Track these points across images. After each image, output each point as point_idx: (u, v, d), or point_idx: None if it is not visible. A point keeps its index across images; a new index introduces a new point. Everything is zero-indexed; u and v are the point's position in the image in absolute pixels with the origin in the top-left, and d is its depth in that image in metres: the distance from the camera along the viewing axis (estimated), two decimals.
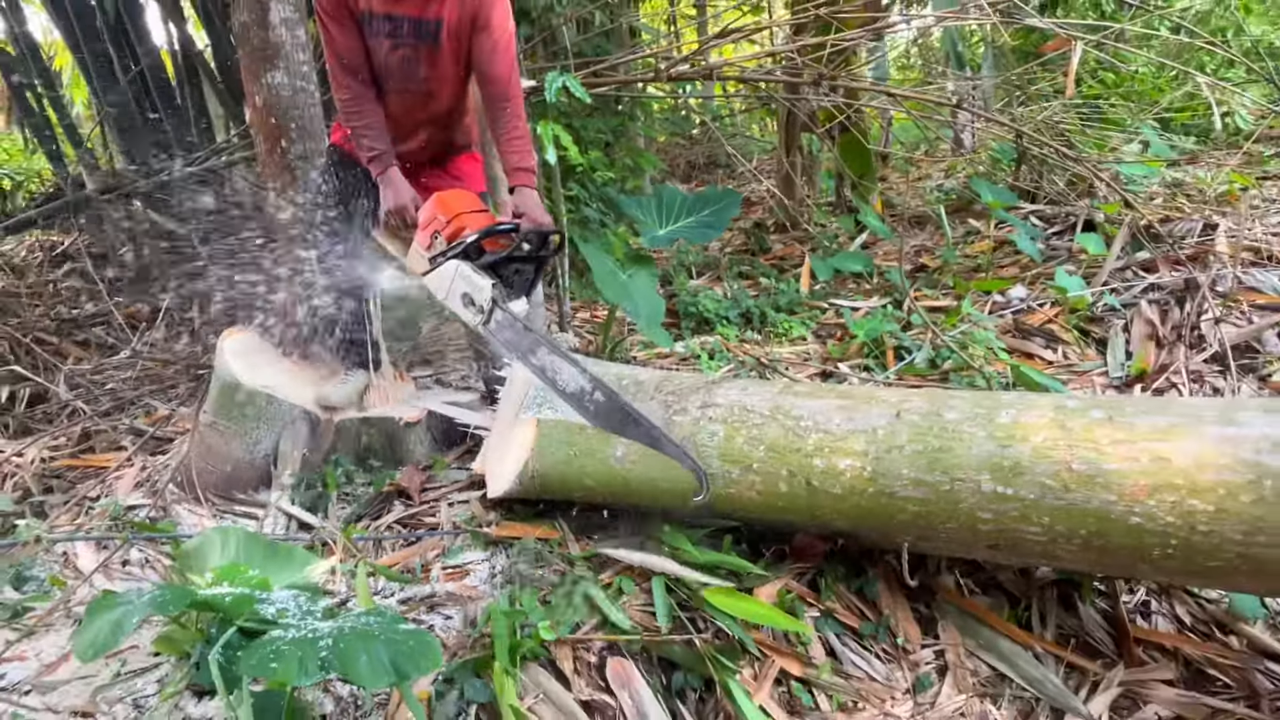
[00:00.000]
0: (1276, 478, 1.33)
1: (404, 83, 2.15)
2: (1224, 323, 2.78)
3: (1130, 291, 3.12)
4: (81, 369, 3.40)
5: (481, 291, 1.92)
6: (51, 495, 2.37)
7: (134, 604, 1.42)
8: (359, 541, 1.98)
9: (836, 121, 4.21)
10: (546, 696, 1.51)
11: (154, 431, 2.73)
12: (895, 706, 1.64)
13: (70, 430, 2.84)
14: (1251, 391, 2.53)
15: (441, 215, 2.00)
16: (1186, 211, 3.66)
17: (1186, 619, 1.84)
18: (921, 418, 1.64)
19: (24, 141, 5.33)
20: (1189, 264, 3.11)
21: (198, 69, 4.33)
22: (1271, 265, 3.15)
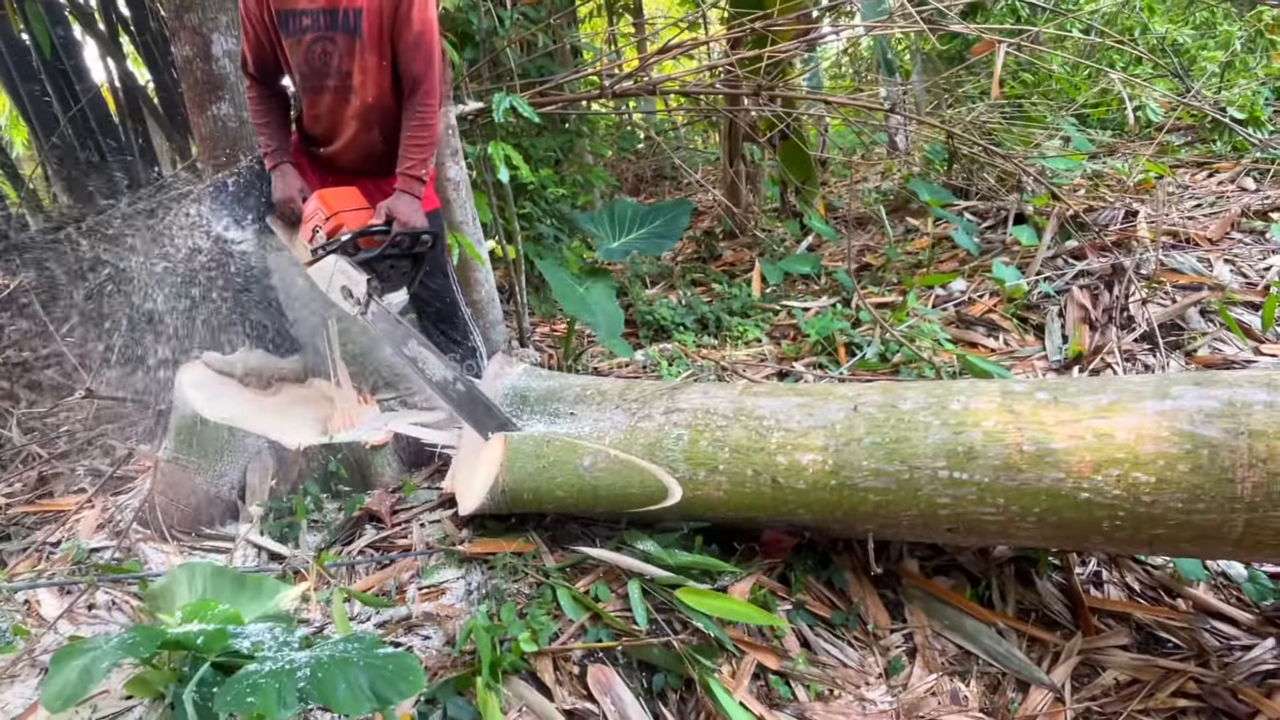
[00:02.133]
0: (1211, 447, 1.38)
1: (325, 78, 2.11)
2: (1150, 303, 2.88)
3: (1062, 278, 3.22)
4: (35, 412, 3.26)
5: (358, 285, 1.99)
6: (9, 543, 2.26)
7: (102, 649, 1.36)
8: (332, 568, 1.92)
9: (776, 130, 4.26)
10: (529, 709, 1.48)
11: (114, 471, 2.62)
12: (870, 691, 1.65)
13: (26, 475, 2.72)
14: (1180, 366, 2.62)
15: (322, 211, 2.05)
16: (1109, 200, 3.79)
17: (1136, 586, 1.90)
18: (878, 410, 1.66)
19: None
20: (1114, 250, 3.21)
21: (140, 104, 4.21)
22: (1189, 247, 3.27)
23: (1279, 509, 1.33)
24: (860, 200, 5.18)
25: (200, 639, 1.40)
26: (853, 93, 5.09)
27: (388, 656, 1.26)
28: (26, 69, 3.82)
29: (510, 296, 3.45)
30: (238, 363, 2.37)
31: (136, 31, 4.03)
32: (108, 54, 4.17)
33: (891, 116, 4.12)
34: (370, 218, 2.08)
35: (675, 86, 3.92)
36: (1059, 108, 4.51)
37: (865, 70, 6.45)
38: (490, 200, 3.19)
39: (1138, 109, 4.06)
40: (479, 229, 2.89)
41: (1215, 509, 1.38)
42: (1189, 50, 5.15)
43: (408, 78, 2.11)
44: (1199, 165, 4.28)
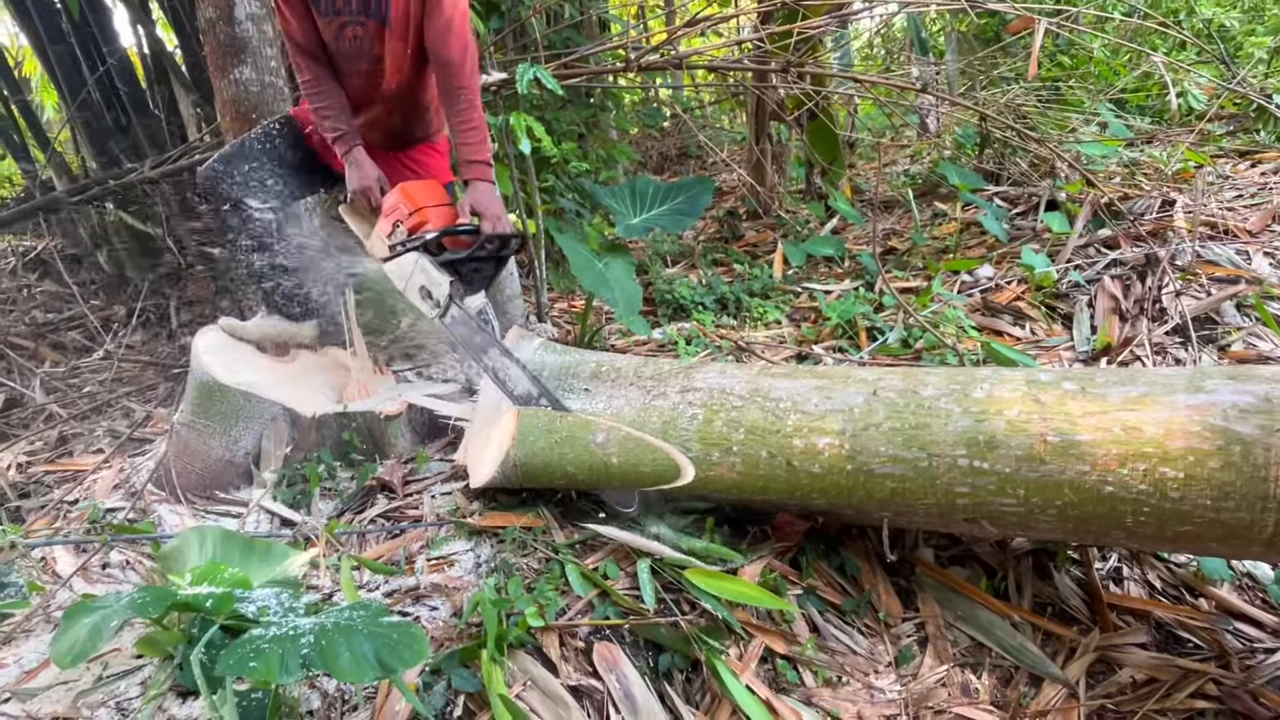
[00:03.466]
0: (1244, 443, 1.33)
1: (355, 62, 2.09)
2: (1184, 295, 2.80)
3: (1094, 267, 3.14)
4: (57, 372, 3.30)
5: (439, 288, 1.91)
6: (28, 500, 2.30)
7: (113, 607, 1.37)
8: (342, 536, 1.93)
9: (804, 109, 4.19)
10: (534, 683, 1.48)
11: (132, 433, 2.65)
12: (878, 679, 1.63)
13: (47, 434, 2.75)
14: (1212, 361, 2.55)
15: (405, 206, 1.96)
16: (1145, 189, 3.69)
17: (1157, 583, 1.86)
18: (898, 395, 1.62)
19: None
20: (1149, 239, 3.12)
21: (167, 69, 4.21)
22: (1227, 239, 3.17)
23: None
24: (888, 183, 5.08)
25: (209, 602, 1.41)
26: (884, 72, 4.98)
27: (393, 625, 1.26)
28: (55, 31, 3.82)
29: (529, 271, 3.43)
30: (254, 329, 2.37)
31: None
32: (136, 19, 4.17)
33: (923, 97, 4.03)
34: (455, 215, 2.01)
35: (702, 62, 3.85)
36: (1097, 92, 4.39)
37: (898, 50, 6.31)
38: (511, 173, 3.16)
39: (1180, 95, 3.93)
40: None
41: (1245, 507, 1.33)
42: (1236, 35, 4.98)
43: (440, 63, 2.06)
44: (1241, 155, 4.15)
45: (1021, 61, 4.12)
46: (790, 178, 5.15)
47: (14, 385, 3.09)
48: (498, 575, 1.71)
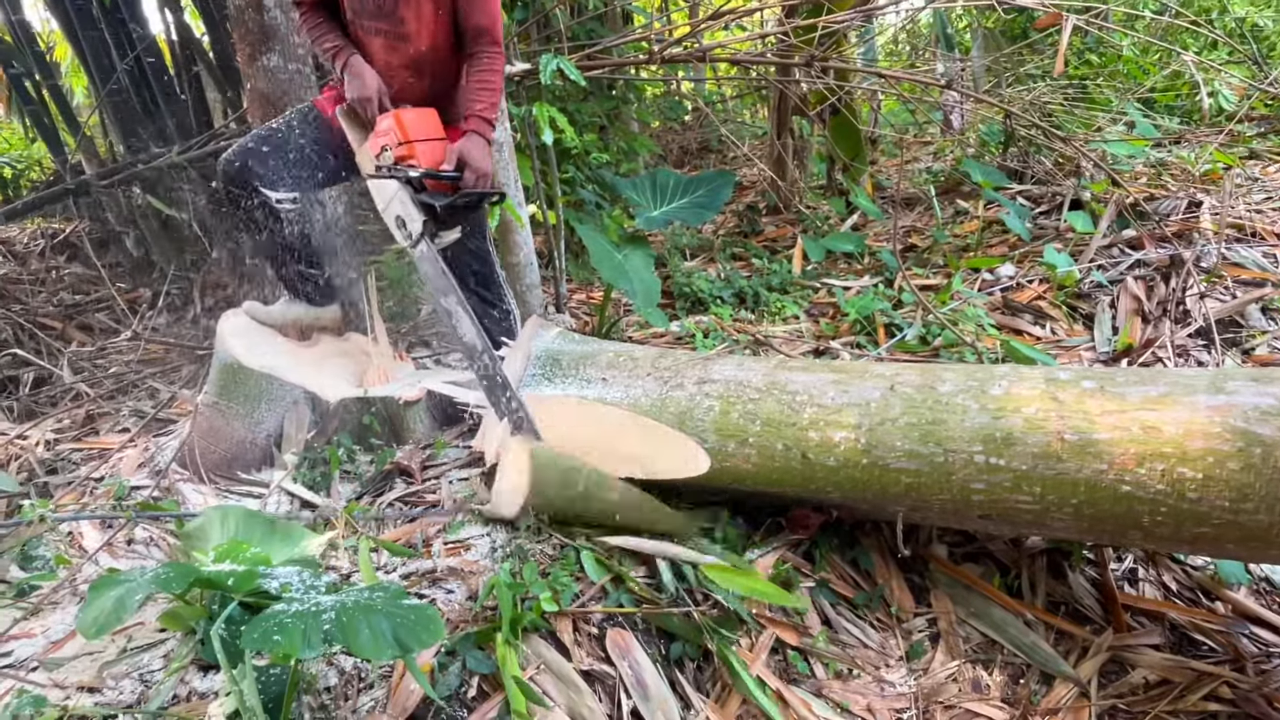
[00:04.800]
0: (1265, 445, 1.33)
1: (379, 19, 2.04)
2: (1208, 298, 2.77)
3: (1117, 268, 3.11)
4: (84, 352, 3.36)
5: (414, 223, 1.98)
6: (56, 476, 2.34)
7: (137, 581, 1.40)
8: (361, 519, 1.96)
9: (827, 104, 4.16)
10: (547, 666, 1.50)
11: (157, 413, 2.70)
12: (889, 673, 1.64)
13: (74, 413, 2.81)
14: (1235, 364, 2.52)
15: (396, 134, 1.98)
16: (1171, 190, 3.64)
17: (1173, 585, 1.85)
18: (915, 390, 1.62)
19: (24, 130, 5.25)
20: (1174, 241, 3.09)
21: (195, 56, 4.26)
22: (1255, 242, 3.13)
23: None
24: (910, 180, 5.05)
25: (231, 579, 1.44)
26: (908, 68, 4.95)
27: (410, 606, 1.28)
28: (86, 16, 3.88)
29: (548, 261, 3.45)
30: (278, 314, 2.40)
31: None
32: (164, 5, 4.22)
33: (947, 93, 4.00)
34: (444, 152, 2.04)
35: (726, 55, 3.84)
36: (1125, 91, 4.33)
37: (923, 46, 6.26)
38: (533, 163, 3.17)
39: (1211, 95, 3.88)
40: (521, 192, 2.88)
41: (1265, 510, 1.32)
42: (1269, 35, 4.90)
43: (471, 29, 2.07)
44: (1272, 157, 4.08)
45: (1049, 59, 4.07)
46: (811, 173, 5.13)
47: (43, 364, 3.14)
48: (513, 560, 1.73)
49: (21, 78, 4.25)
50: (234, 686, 1.26)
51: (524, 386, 1.97)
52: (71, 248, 4.52)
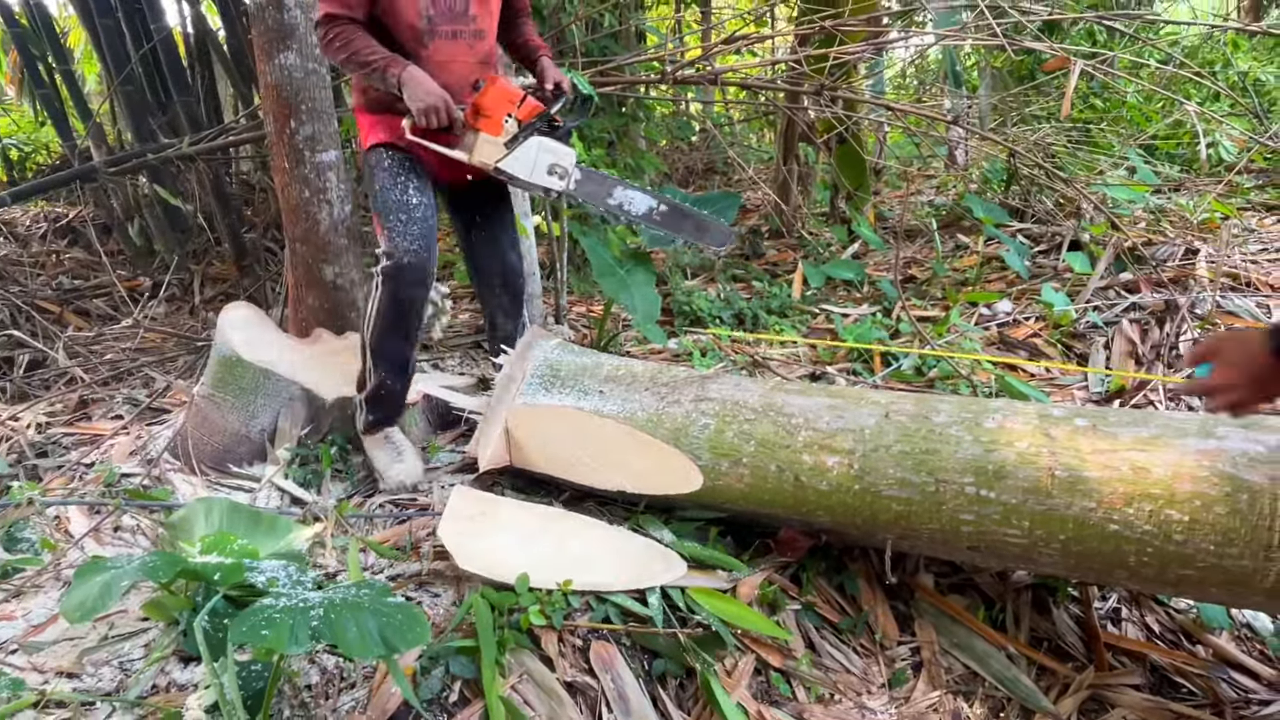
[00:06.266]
0: (1252, 492, 1.34)
1: (454, 21, 1.98)
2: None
3: (1113, 310, 3.14)
4: (81, 337, 3.35)
5: (567, 157, 2.05)
6: (46, 460, 2.34)
7: (123, 569, 1.40)
8: (351, 518, 1.96)
9: (834, 133, 4.21)
10: (530, 676, 1.49)
11: (151, 402, 2.70)
12: (871, 700, 1.64)
13: (68, 397, 2.80)
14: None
15: (509, 98, 1.98)
16: (1169, 236, 3.69)
17: (1155, 627, 1.85)
18: (909, 419, 1.64)
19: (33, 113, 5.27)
20: (1170, 286, 3.12)
21: (210, 50, 4.29)
22: (1249, 291, 3.17)
23: None
24: (912, 212, 5.10)
25: (217, 572, 1.43)
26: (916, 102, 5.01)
27: (397, 605, 1.28)
28: (104, 4, 3.90)
29: (550, 273, 3.46)
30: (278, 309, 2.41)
31: None
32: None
33: (953, 129, 4.05)
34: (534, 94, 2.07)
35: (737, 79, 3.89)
36: (1128, 137, 4.40)
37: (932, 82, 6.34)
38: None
39: (1211, 145, 3.94)
40: (527, 202, 2.90)
41: (1249, 555, 1.34)
42: (1271, 90, 4.98)
43: (520, 8, 2.20)
44: (1269, 209, 4.14)
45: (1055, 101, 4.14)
46: (815, 200, 5.18)
47: (38, 347, 3.14)
48: None
49: (36, 61, 4.27)
50: (214, 679, 1.25)
51: (522, 394, 1.98)
52: (74, 232, 4.52)
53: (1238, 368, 1.16)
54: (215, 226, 4.08)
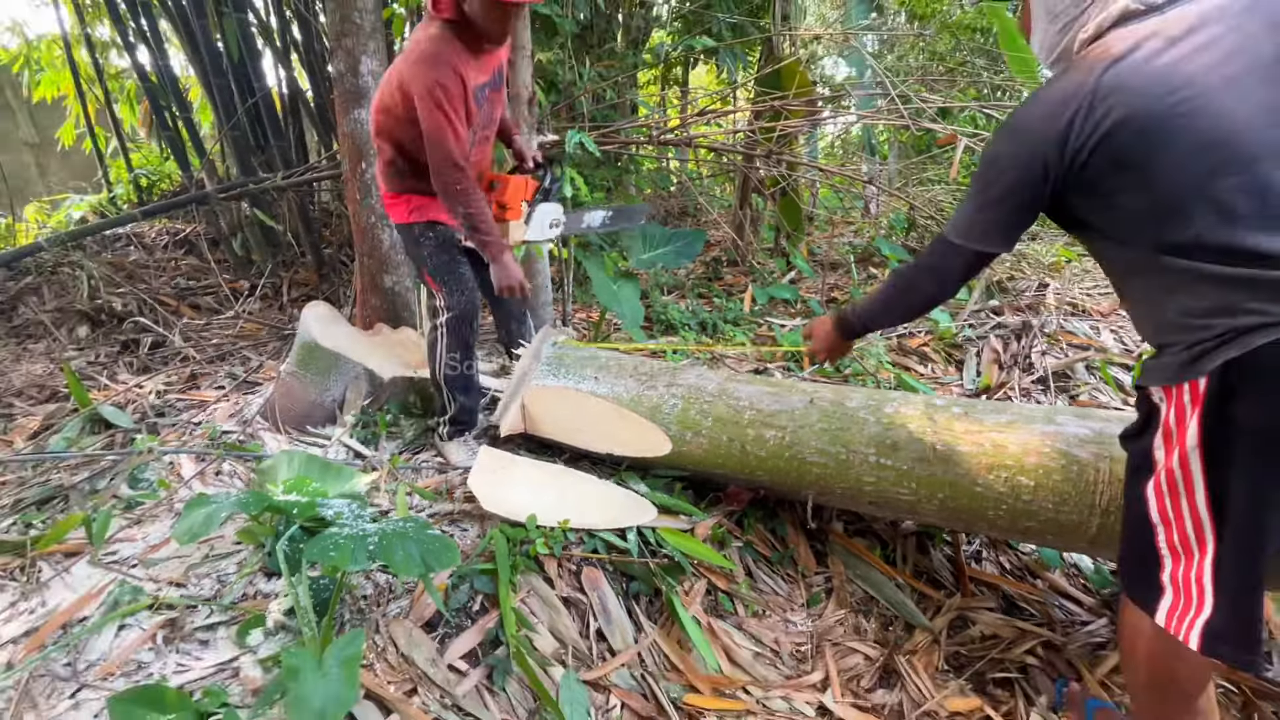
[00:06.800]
0: (1081, 464, 1.37)
1: (486, 128, 1.91)
2: (1048, 355, 2.84)
3: (983, 327, 3.17)
4: (193, 325, 3.29)
5: (558, 211, 2.09)
6: (163, 419, 2.30)
7: (222, 503, 1.38)
8: (401, 470, 1.94)
9: (778, 187, 4.22)
10: (535, 592, 1.50)
11: (247, 376, 2.65)
12: (793, 615, 1.65)
13: (181, 371, 2.75)
14: (1064, 405, 2.58)
15: (526, 190, 2.01)
16: (1027, 273, 3.73)
17: (1007, 565, 1.88)
18: (829, 404, 1.65)
19: (160, 150, 5.15)
20: (1026, 310, 3.16)
21: (300, 105, 4.21)
22: (1084, 317, 3.22)
23: None
24: (836, 249, 5.12)
25: (295, 507, 1.42)
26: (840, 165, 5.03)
27: (434, 536, 1.28)
28: (218, 68, 3.82)
29: (559, 286, 3.45)
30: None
31: (303, 49, 4.03)
32: (280, 63, 4.17)
33: (869, 187, 4.07)
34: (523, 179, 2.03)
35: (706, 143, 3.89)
36: None
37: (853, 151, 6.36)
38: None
39: None
40: None
41: (1078, 512, 1.37)
42: None
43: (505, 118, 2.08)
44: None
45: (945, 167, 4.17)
46: (763, 238, 5.17)
47: (160, 331, 3.07)
48: None
49: (163, 110, 4.18)
50: (291, 590, 1.24)
51: (536, 378, 1.98)
52: (189, 244, 4.43)
53: (821, 338, 1.46)
54: (300, 243, 4.01)
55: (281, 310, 3.64)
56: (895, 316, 1.33)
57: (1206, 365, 0.92)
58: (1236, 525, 0.94)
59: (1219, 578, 0.96)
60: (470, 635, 1.36)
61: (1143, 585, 1.05)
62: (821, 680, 1.49)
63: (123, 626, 1.33)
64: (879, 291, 1.30)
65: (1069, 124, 0.95)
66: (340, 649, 1.11)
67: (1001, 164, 1.04)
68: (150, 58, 4.10)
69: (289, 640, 1.30)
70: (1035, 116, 1.00)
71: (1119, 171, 0.94)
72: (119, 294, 3.39)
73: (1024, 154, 1.01)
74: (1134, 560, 1.07)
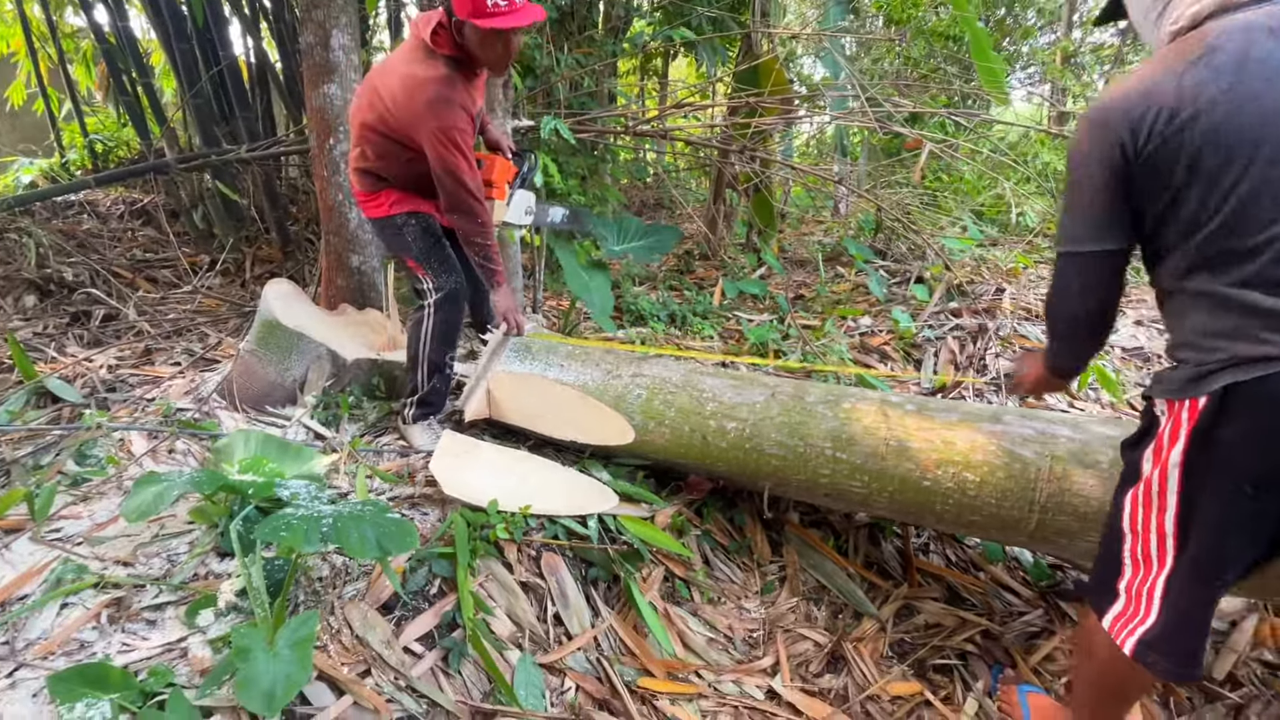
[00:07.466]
0: (1024, 462, 1.42)
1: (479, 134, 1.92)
2: (1001, 357, 2.93)
3: (942, 328, 3.25)
4: (149, 299, 3.17)
5: (531, 198, 2.11)
6: (114, 394, 2.21)
7: (175, 481, 1.35)
8: (362, 452, 1.91)
9: (752, 183, 4.25)
10: (494, 576, 1.50)
11: (204, 353, 2.57)
12: (747, 603, 1.69)
13: (135, 346, 2.65)
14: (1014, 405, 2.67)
15: (510, 171, 2.02)
16: (986, 278, 3.84)
17: (953, 558, 1.95)
18: (789, 398, 1.68)
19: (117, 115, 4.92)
20: (983, 314, 3.26)
21: (268, 76, 4.07)
22: (1037, 321, 3.33)
23: (1063, 514, 1.38)
24: (805, 248, 5.19)
25: (251, 487, 1.39)
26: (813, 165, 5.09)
27: (392, 519, 1.27)
28: (181, 32, 3.66)
29: (530, 274, 3.42)
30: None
31: (273, 18, 3.89)
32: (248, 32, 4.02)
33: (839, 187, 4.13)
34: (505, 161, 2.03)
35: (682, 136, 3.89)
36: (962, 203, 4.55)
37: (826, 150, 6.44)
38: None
39: (1019, 214, 4.11)
40: None
41: (1019, 508, 1.42)
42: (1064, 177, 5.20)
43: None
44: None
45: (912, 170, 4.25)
46: (735, 233, 5.21)
47: (112, 304, 2.95)
48: None
49: (121, 73, 3.99)
50: (245, 570, 1.22)
51: (502, 364, 1.96)
52: (146, 215, 4.25)
53: (1031, 376, 1.28)
54: (265, 219, 3.89)
55: (244, 287, 3.53)
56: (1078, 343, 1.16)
57: (1208, 386, 0.92)
58: (1197, 549, 0.97)
59: (1168, 594, 0.99)
60: (427, 618, 1.36)
61: (1100, 589, 1.09)
62: (772, 665, 1.53)
63: (65, 605, 1.29)
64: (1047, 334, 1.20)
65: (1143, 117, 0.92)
66: (293, 630, 1.09)
67: (1089, 161, 1.00)
68: (109, 18, 3.91)
69: (241, 621, 1.28)
70: (1115, 106, 0.96)
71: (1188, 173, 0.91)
72: (70, 263, 3.24)
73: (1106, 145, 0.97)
74: (1100, 564, 1.10)
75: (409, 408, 2.01)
